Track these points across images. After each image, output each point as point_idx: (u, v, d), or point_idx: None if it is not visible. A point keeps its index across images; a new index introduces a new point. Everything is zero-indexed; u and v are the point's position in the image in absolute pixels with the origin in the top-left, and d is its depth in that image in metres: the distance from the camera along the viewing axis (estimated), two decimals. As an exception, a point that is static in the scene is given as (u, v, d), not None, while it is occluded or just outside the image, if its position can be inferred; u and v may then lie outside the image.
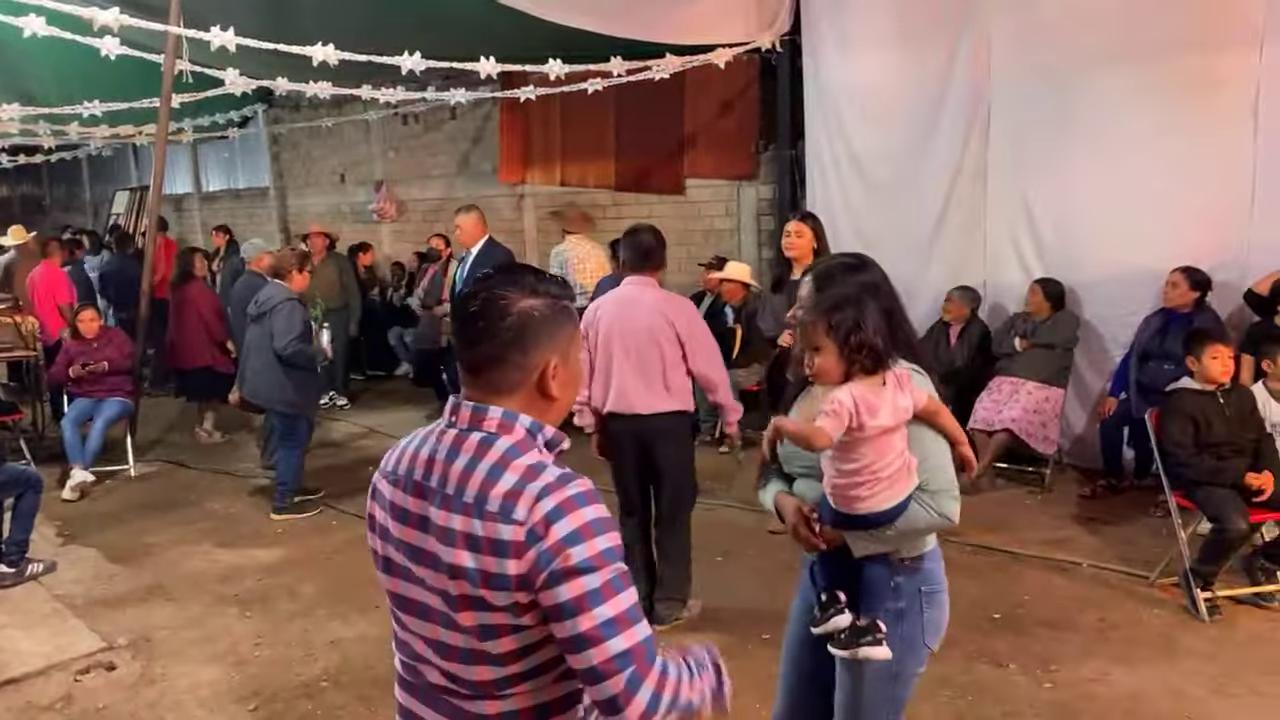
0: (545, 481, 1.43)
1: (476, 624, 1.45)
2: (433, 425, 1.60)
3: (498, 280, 1.55)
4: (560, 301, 1.56)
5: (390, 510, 1.57)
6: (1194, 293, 5.40)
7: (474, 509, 1.44)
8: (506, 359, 1.51)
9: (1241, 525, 4.16)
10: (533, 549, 1.39)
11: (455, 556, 1.44)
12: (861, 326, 2.09)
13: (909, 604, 2.25)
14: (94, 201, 17.76)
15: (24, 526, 5.05)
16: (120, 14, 4.85)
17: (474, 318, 1.52)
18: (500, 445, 1.49)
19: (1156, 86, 5.65)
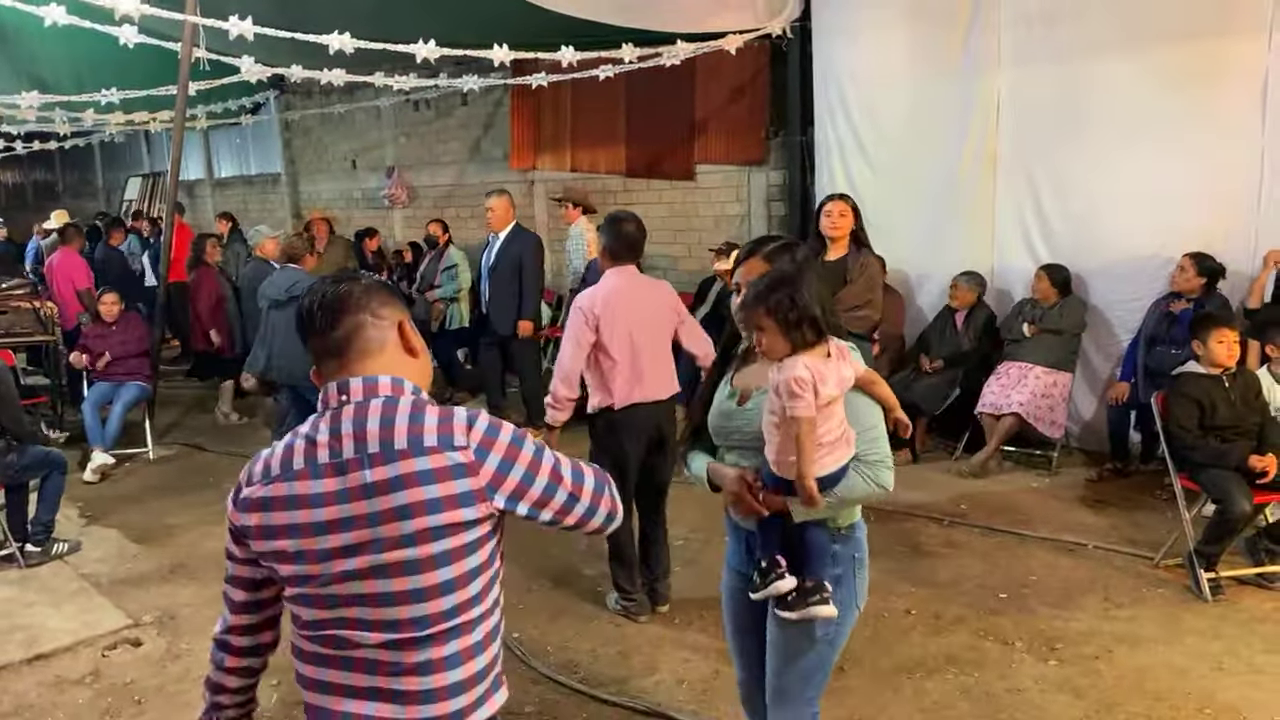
0: (465, 413, 1.66)
1: (434, 552, 1.60)
2: (304, 424, 1.70)
3: (325, 283, 1.76)
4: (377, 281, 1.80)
5: (299, 502, 1.63)
6: (1201, 278, 5.44)
7: (412, 451, 1.59)
8: (365, 322, 1.70)
9: (1245, 507, 4.22)
10: (484, 464, 1.63)
11: (409, 496, 1.58)
12: (796, 302, 2.19)
13: (844, 570, 2.38)
14: (106, 188, 17.88)
15: (50, 507, 5.16)
16: (141, 3, 4.90)
17: (319, 309, 1.70)
18: (404, 402, 1.66)
19: (1166, 73, 5.68)
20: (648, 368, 4.11)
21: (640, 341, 4.09)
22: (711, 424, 2.47)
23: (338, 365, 1.71)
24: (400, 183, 11.46)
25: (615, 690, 3.72)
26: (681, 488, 5.90)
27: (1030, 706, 3.50)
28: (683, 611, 4.33)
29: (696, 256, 8.61)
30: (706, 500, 5.78)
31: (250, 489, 1.70)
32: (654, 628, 4.20)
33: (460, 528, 1.61)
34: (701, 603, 4.39)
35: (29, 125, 10.50)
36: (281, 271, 6.13)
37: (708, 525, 5.33)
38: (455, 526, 1.61)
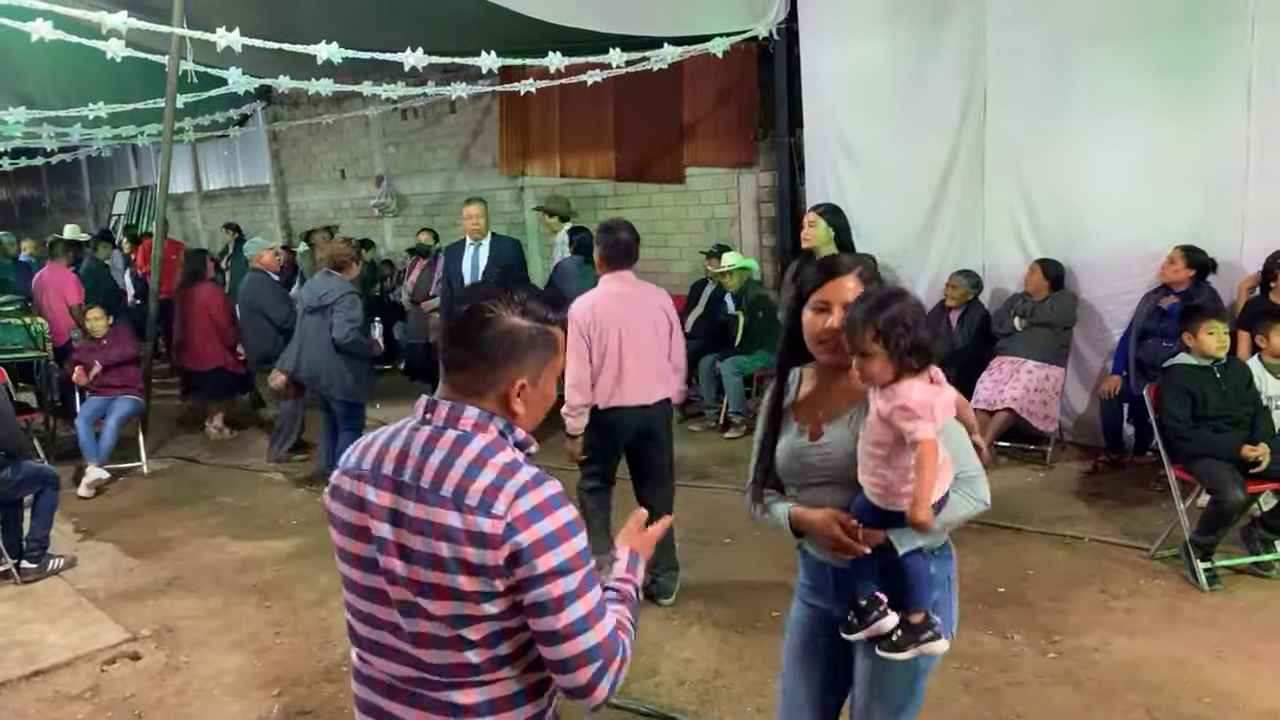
0: (522, 480, 1.53)
1: (449, 613, 1.54)
2: (402, 421, 1.66)
3: (492, 291, 1.64)
4: (545, 326, 1.64)
5: (356, 504, 1.62)
6: (1190, 270, 5.47)
7: (452, 503, 1.52)
8: (475, 368, 1.61)
9: (1239, 495, 4.24)
10: (508, 543, 1.49)
11: (434, 548, 1.52)
12: (909, 326, 2.08)
13: (941, 593, 2.28)
14: (94, 202, 17.83)
15: (44, 522, 5.14)
16: (128, 17, 4.90)
17: (458, 322, 1.62)
18: (476, 443, 1.57)
19: (1151, 66, 5.71)
20: (630, 372, 4.20)
21: (625, 346, 4.18)
22: (781, 465, 2.37)
23: (448, 387, 1.65)
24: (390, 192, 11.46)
25: (617, 692, 3.71)
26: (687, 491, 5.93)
27: (1031, 699, 3.51)
28: (682, 614, 4.34)
29: (688, 259, 8.63)
30: (703, 502, 5.84)
31: (335, 474, 1.70)
32: (654, 629, 4.20)
33: (478, 596, 1.53)
34: (701, 605, 4.40)
35: (15, 141, 10.49)
36: (323, 278, 6.15)
37: (706, 527, 5.35)
38: (470, 595, 1.52)
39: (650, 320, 4.26)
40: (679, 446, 6.81)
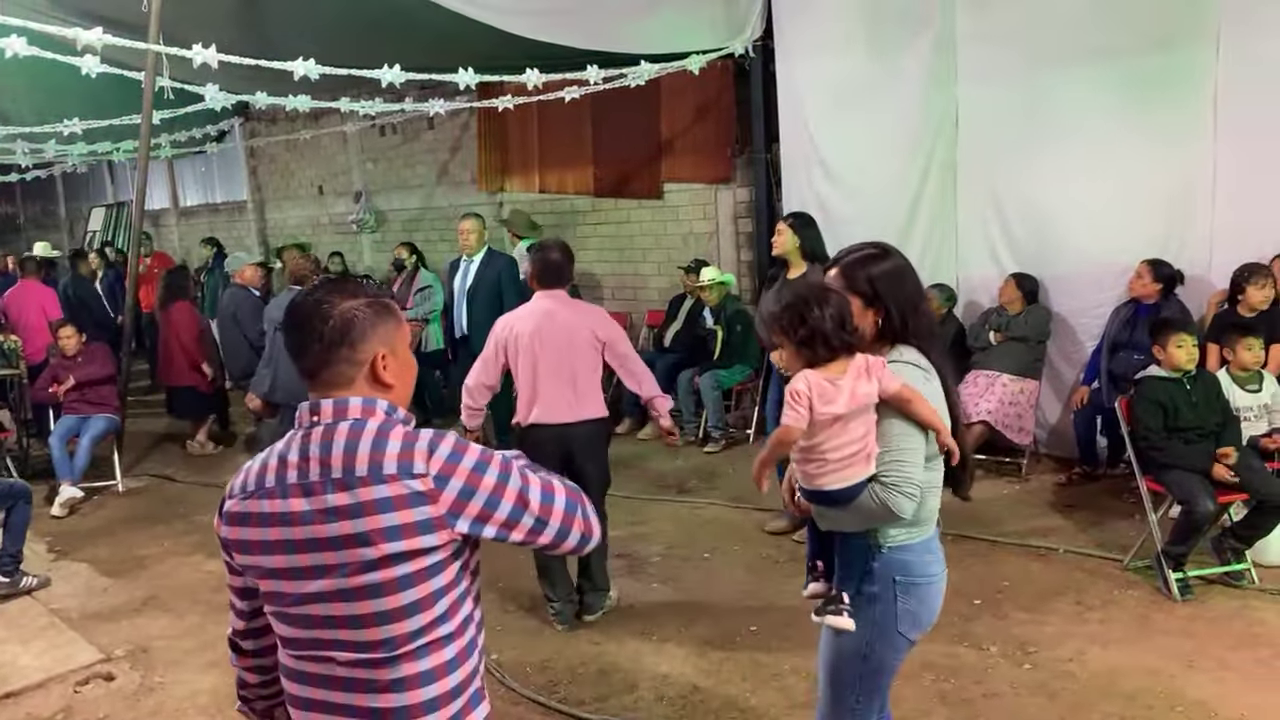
0: (428, 438, 1.66)
1: (396, 575, 1.62)
2: (285, 438, 1.71)
3: (319, 289, 1.73)
4: (379, 299, 1.75)
5: (267, 520, 1.66)
6: (1157, 284, 5.55)
7: (372, 478, 1.61)
8: (337, 357, 1.69)
9: (1209, 506, 4.30)
10: (444, 492, 1.62)
11: (369, 523, 1.60)
12: (805, 319, 2.22)
13: (883, 589, 2.32)
14: (69, 219, 17.69)
15: (16, 539, 5.09)
16: (103, 33, 4.89)
17: (299, 326, 1.69)
18: (371, 424, 1.66)
19: (1119, 84, 5.80)
20: (545, 391, 4.24)
21: (541, 365, 4.22)
22: None
23: (317, 388, 1.73)
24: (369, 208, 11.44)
25: (595, 709, 3.72)
26: (666, 505, 5.95)
27: (1006, 710, 3.54)
28: (660, 629, 4.34)
29: (666, 274, 8.66)
30: (686, 518, 5.84)
31: (231, 502, 1.73)
32: (633, 645, 4.21)
33: (421, 553, 1.63)
34: (679, 620, 4.41)
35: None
36: (288, 293, 6.10)
37: (686, 542, 5.37)
38: (416, 552, 1.62)
39: (571, 340, 4.24)
40: (658, 461, 6.87)
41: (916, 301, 2.38)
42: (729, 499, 6.04)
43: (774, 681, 3.83)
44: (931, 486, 2.32)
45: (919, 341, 2.35)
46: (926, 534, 2.36)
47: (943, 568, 2.41)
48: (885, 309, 2.32)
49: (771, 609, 4.45)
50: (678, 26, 6.94)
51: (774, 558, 5.10)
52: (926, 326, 2.41)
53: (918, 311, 2.37)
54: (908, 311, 2.34)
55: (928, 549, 2.37)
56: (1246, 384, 4.78)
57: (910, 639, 2.38)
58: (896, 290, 2.34)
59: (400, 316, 1.79)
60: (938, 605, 2.40)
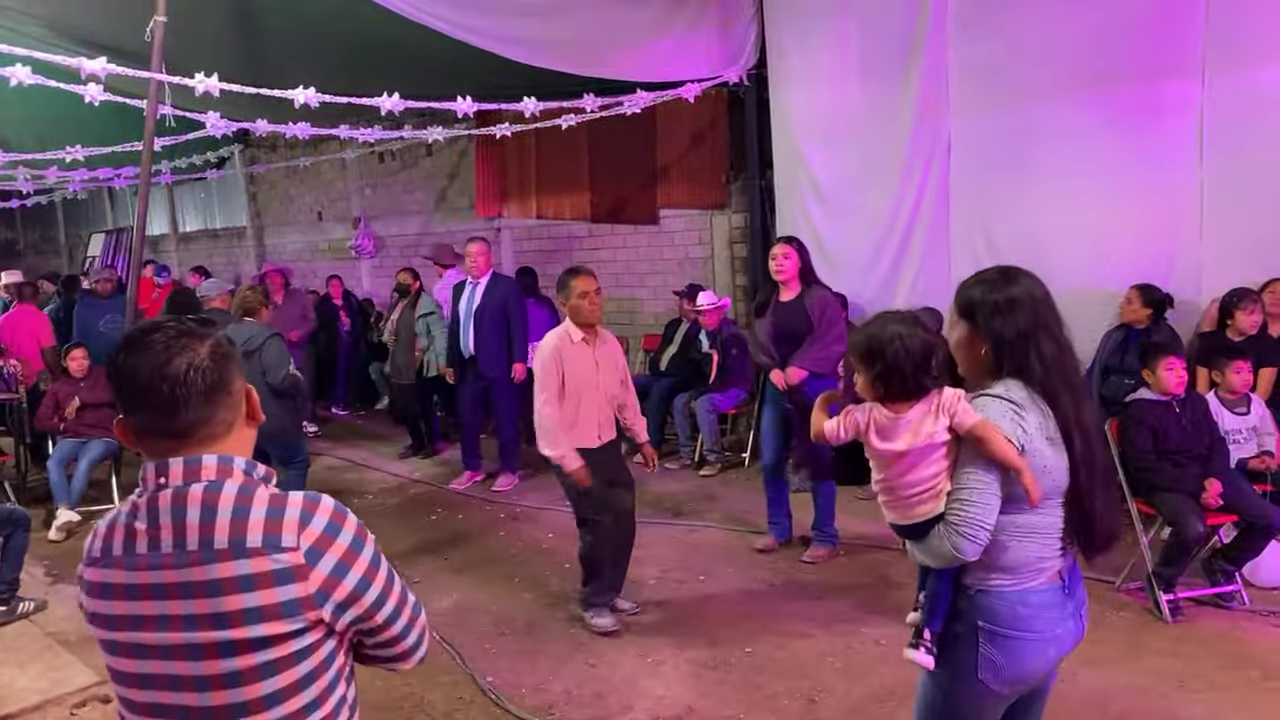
0: (299, 505, 1.47)
1: (258, 663, 1.43)
2: (130, 497, 1.53)
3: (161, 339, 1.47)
4: (207, 325, 1.56)
5: (111, 593, 1.47)
6: (1147, 309, 5.61)
7: (232, 552, 1.42)
8: (219, 405, 1.50)
9: (1199, 528, 4.34)
10: (317, 565, 1.44)
11: (227, 604, 1.41)
12: (884, 354, 2.18)
13: (965, 632, 2.21)
14: (69, 244, 17.77)
15: (14, 564, 5.11)
16: (108, 63, 4.97)
17: (174, 385, 1.45)
18: (229, 489, 1.47)
19: (1108, 113, 5.90)
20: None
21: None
22: None
23: (170, 446, 1.49)
24: (368, 232, 11.52)
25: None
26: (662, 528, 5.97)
27: (999, 731, 3.55)
28: (656, 650, 4.37)
29: (662, 299, 8.73)
30: (682, 541, 5.86)
31: (83, 567, 1.54)
32: (628, 666, 4.23)
33: (286, 637, 1.44)
34: (675, 642, 4.43)
35: (-10, 185, 10.49)
36: (237, 326, 6.01)
37: (681, 565, 5.39)
38: (281, 637, 1.43)
39: None
40: (657, 484, 6.89)
41: (1033, 333, 2.18)
42: (724, 522, 6.07)
43: (768, 703, 3.85)
44: (1030, 531, 2.15)
45: (1030, 378, 2.17)
46: (1026, 583, 2.17)
47: (1051, 626, 2.20)
48: (993, 339, 2.20)
49: (766, 631, 4.48)
50: (673, 56, 7.05)
51: (769, 580, 5.13)
52: (1049, 361, 2.18)
53: (1034, 344, 2.17)
54: (1017, 345, 2.18)
55: (1025, 601, 2.17)
56: (1235, 407, 4.85)
57: (995, 690, 2.20)
58: (1005, 321, 2.19)
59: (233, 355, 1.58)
60: (1032, 664, 2.20)
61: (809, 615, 4.64)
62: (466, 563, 5.66)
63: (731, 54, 7.37)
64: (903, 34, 6.67)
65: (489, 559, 5.74)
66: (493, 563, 5.66)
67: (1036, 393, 2.17)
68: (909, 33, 6.64)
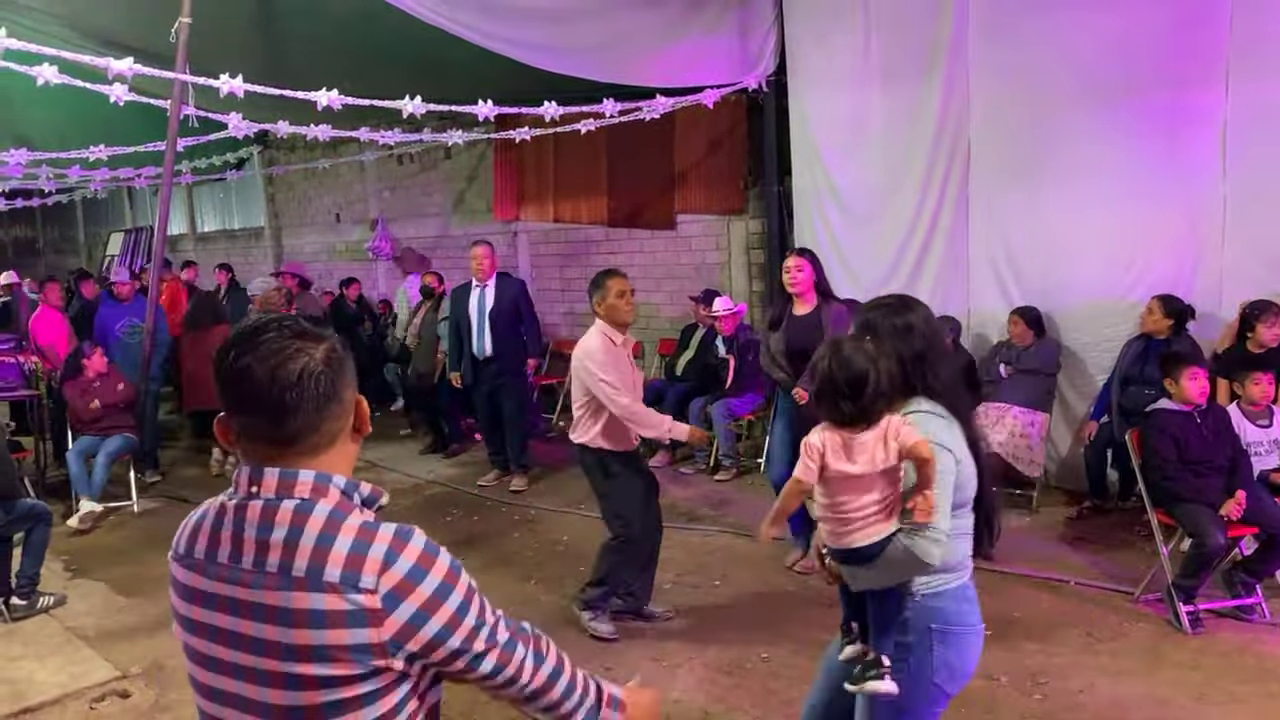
0: (386, 542, 1.35)
1: (322, 701, 1.34)
2: (221, 497, 1.46)
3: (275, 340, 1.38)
4: (320, 325, 1.46)
5: (190, 596, 1.42)
6: (1168, 319, 5.58)
7: (308, 583, 1.32)
8: (328, 415, 1.40)
9: (1220, 540, 4.31)
10: (393, 614, 1.32)
11: (296, 636, 1.32)
12: (834, 383, 2.21)
13: (917, 639, 2.29)
14: (88, 243, 17.91)
15: (35, 559, 5.15)
16: (134, 64, 5.01)
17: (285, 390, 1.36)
18: (320, 511, 1.37)
19: (1129, 121, 5.88)
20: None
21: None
22: None
23: (270, 453, 1.40)
24: (386, 234, 11.56)
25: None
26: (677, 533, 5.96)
27: (1017, 740, 3.55)
28: (671, 654, 4.37)
29: (678, 304, 8.73)
30: (697, 546, 5.85)
31: (170, 556, 1.49)
32: (643, 670, 4.21)
33: (354, 680, 1.33)
34: (690, 647, 4.43)
35: (13, 182, 10.57)
36: None
37: (697, 570, 5.39)
38: (347, 679, 1.33)
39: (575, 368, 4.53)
40: (672, 488, 6.89)
41: (925, 355, 2.35)
42: (740, 527, 6.06)
43: (784, 709, 3.84)
44: (961, 532, 2.31)
45: (935, 394, 2.35)
46: (960, 580, 2.33)
47: (979, 618, 2.37)
48: (901, 361, 2.32)
49: (782, 637, 4.47)
50: (693, 62, 7.06)
51: (785, 586, 5.12)
52: (946, 380, 2.39)
53: (928, 366, 2.35)
54: (916, 366, 2.33)
55: (964, 596, 2.33)
56: (1257, 419, 4.82)
57: (947, 691, 2.33)
58: (904, 344, 2.34)
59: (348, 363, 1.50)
60: (974, 656, 2.35)
61: (825, 622, 4.62)
62: (483, 564, 5.67)
63: (751, 60, 7.38)
64: (923, 41, 6.67)
65: (505, 560, 5.75)
66: (509, 564, 5.67)
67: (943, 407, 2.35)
68: (929, 40, 6.64)
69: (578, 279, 9.70)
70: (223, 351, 1.39)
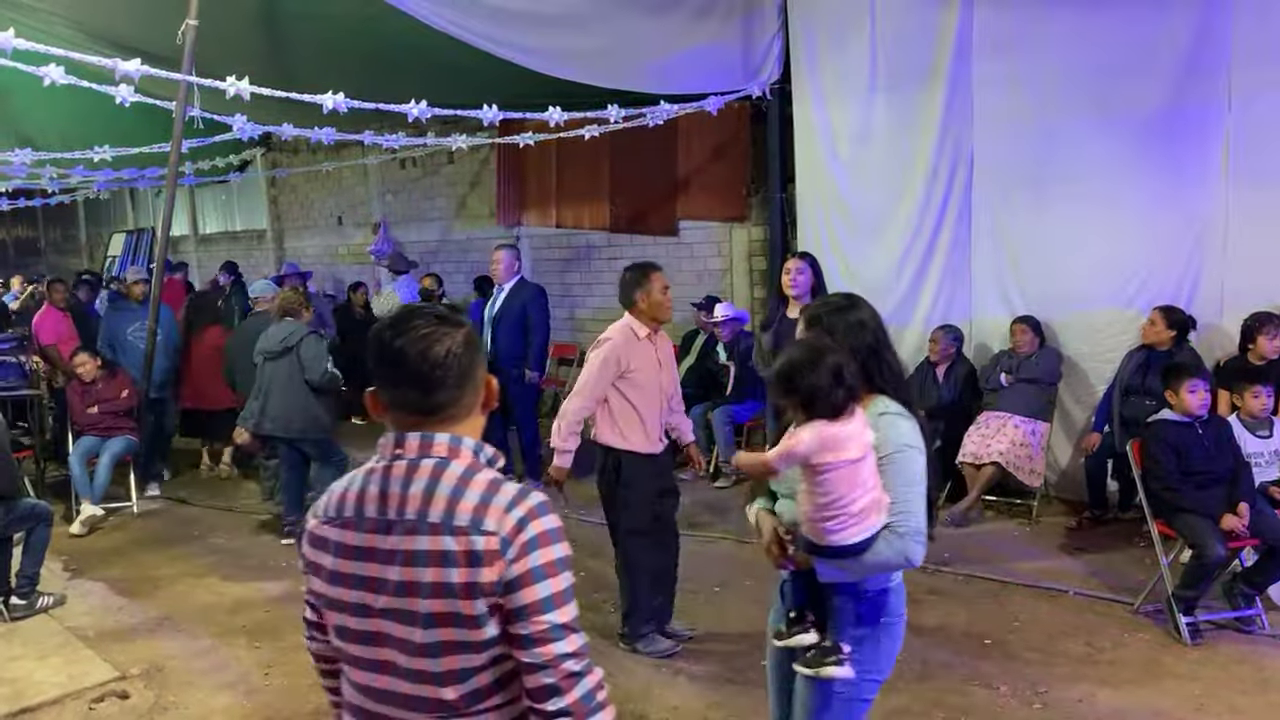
0: (509, 495, 1.57)
1: (455, 639, 1.54)
2: (368, 465, 1.66)
3: (425, 325, 1.61)
4: (457, 313, 1.69)
5: (341, 551, 1.61)
6: (1170, 331, 5.58)
7: (443, 527, 1.53)
8: (466, 389, 1.63)
9: (1220, 551, 4.32)
10: (504, 555, 1.52)
11: (432, 575, 1.52)
12: (798, 386, 2.26)
13: (869, 633, 2.39)
14: (89, 244, 17.92)
15: (35, 560, 5.15)
16: (141, 65, 5.02)
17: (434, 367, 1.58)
18: (455, 468, 1.59)
19: (1132, 132, 5.89)
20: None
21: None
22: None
23: (416, 421, 1.63)
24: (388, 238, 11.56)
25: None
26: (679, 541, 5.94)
27: (1016, 749, 3.55)
28: (671, 661, 4.36)
29: (679, 310, 8.72)
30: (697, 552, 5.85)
31: (314, 522, 1.68)
32: (643, 676, 4.23)
33: (473, 621, 1.53)
34: (690, 653, 4.43)
35: (15, 182, 10.58)
36: (278, 325, 6.18)
37: (696, 576, 5.37)
38: (468, 619, 1.53)
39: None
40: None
41: (879, 350, 2.45)
42: (740, 533, 6.06)
43: (784, 715, 3.84)
44: None
45: (891, 390, 2.43)
46: (899, 575, 2.45)
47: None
48: (855, 355, 2.37)
49: (782, 644, 4.46)
50: (696, 69, 7.08)
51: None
52: (896, 376, 2.49)
53: (883, 361, 2.44)
54: (871, 361, 2.41)
55: (900, 589, 2.47)
56: (1257, 430, 4.83)
57: (883, 680, 2.47)
58: (858, 340, 2.41)
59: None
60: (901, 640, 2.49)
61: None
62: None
63: (755, 67, 7.39)
64: (928, 49, 6.67)
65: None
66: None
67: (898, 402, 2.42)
68: (933, 49, 6.64)
69: (579, 284, 9.72)
70: (378, 334, 1.63)
